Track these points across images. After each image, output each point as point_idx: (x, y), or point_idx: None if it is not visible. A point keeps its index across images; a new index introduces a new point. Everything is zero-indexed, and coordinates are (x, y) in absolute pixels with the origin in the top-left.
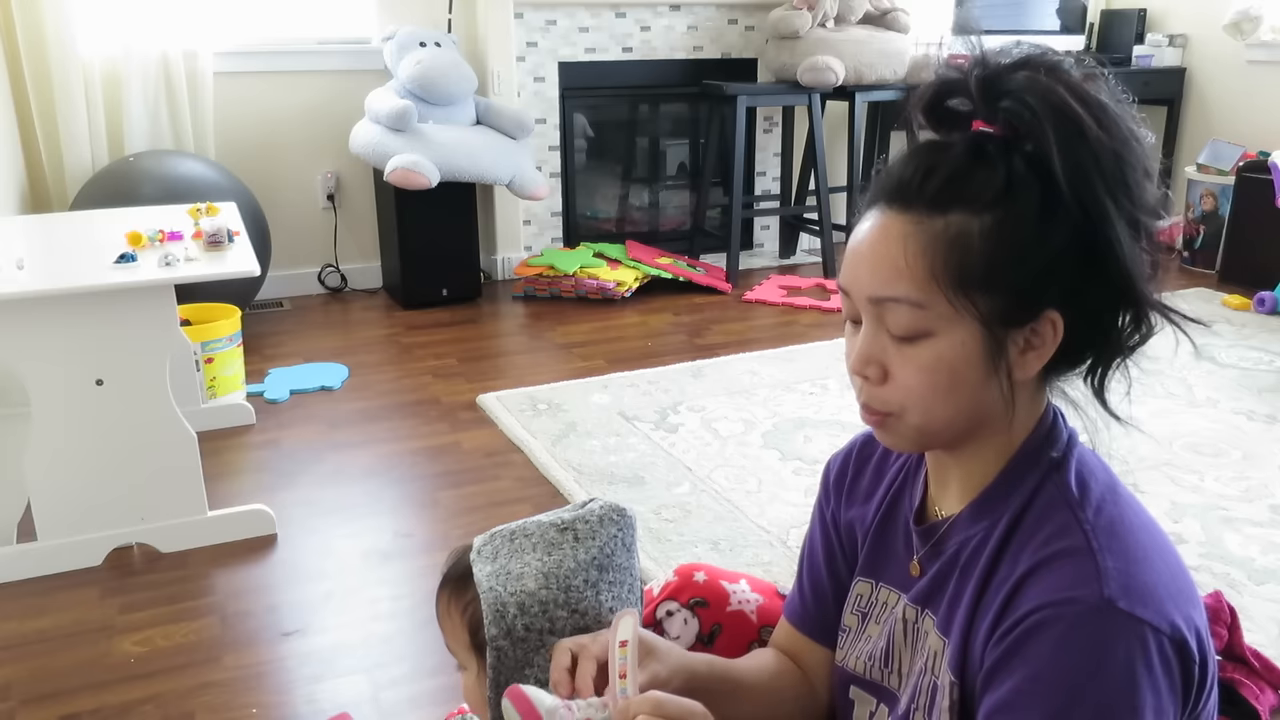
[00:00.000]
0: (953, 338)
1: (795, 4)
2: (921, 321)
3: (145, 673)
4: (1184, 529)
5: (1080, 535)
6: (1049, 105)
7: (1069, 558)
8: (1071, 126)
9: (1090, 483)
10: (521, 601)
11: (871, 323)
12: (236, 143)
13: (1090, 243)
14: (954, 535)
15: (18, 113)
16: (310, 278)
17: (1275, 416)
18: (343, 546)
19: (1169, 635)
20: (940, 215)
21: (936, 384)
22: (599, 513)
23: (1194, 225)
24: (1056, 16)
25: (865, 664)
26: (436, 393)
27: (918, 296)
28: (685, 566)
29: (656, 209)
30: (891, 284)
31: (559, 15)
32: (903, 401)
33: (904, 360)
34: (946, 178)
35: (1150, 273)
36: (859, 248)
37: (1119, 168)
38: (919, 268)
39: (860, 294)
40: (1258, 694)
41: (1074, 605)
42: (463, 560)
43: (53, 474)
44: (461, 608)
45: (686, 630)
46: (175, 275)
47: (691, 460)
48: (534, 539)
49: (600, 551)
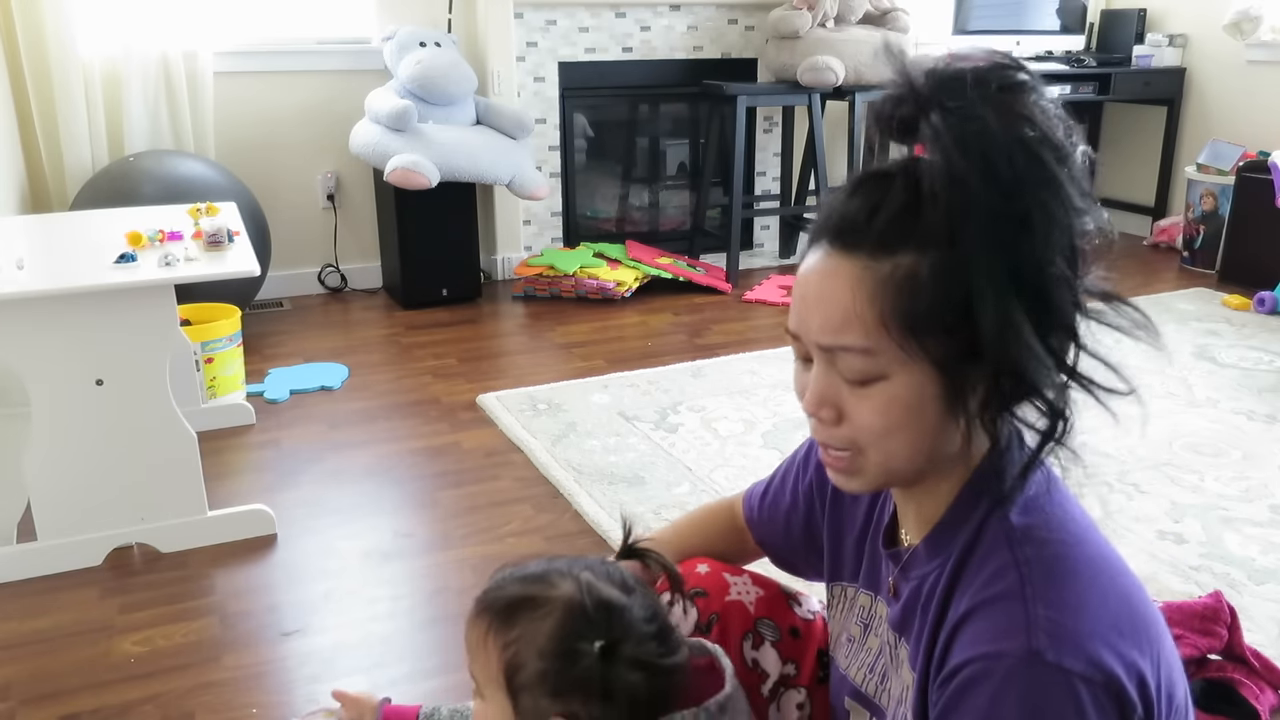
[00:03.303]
0: (908, 380)
1: (795, 4)
2: (873, 367)
3: (145, 673)
4: (1184, 529)
5: (1015, 578)
6: (1001, 146)
7: (1000, 604)
8: (1028, 161)
9: (1038, 515)
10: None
11: (823, 366)
12: (236, 143)
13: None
14: (916, 567)
15: (18, 113)
16: (310, 278)
17: (1275, 416)
18: (343, 546)
19: (1102, 684)
20: (888, 257)
21: (891, 425)
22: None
23: (1194, 225)
24: (1056, 16)
25: (865, 676)
26: (436, 393)
27: (868, 344)
28: (690, 560)
29: (656, 209)
30: (841, 332)
31: (559, 15)
32: (859, 440)
33: (858, 401)
34: (892, 216)
35: (1081, 298)
36: (806, 292)
37: (1052, 211)
38: (868, 316)
39: (810, 340)
40: (1258, 694)
41: (1001, 660)
42: (509, 589)
43: (53, 474)
44: (502, 644)
45: (686, 620)
46: (175, 275)
47: (691, 460)
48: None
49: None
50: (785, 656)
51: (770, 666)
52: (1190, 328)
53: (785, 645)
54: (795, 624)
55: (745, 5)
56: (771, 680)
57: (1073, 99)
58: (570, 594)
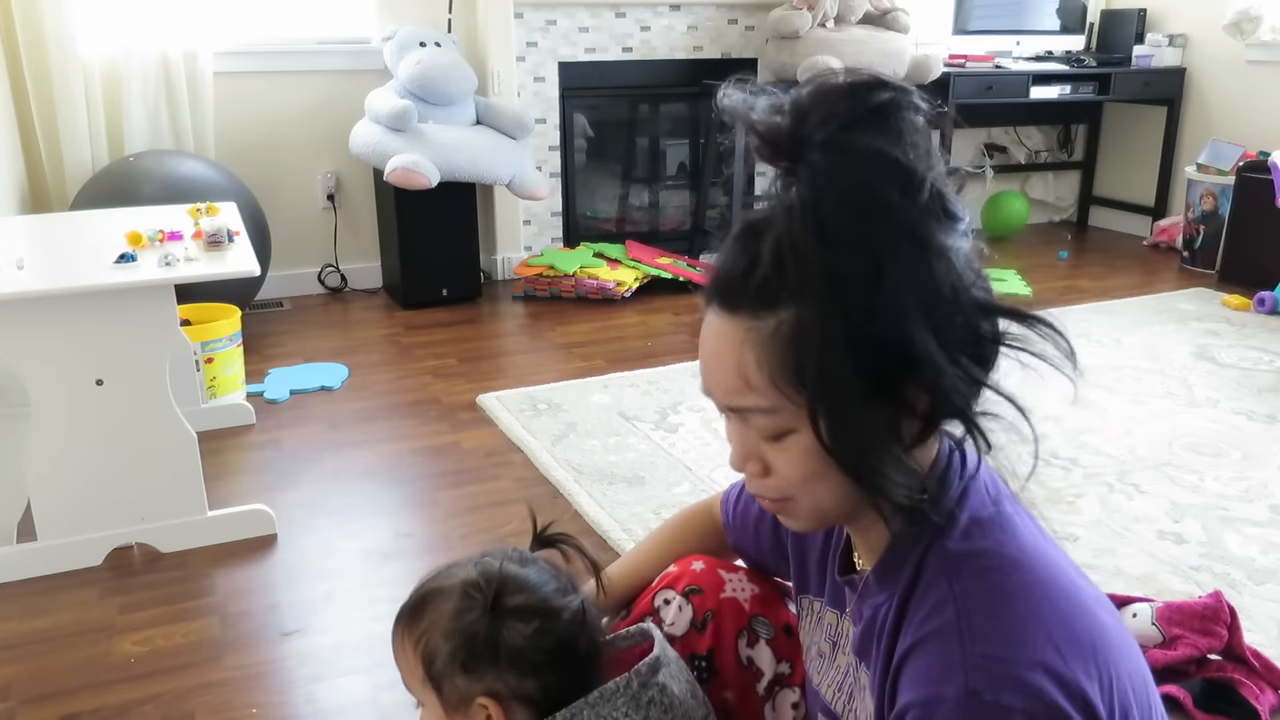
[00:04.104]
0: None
1: (795, 4)
2: (779, 423)
3: (145, 673)
4: (1184, 529)
5: (951, 613)
6: (840, 190)
7: (937, 641)
8: (858, 210)
9: (981, 540)
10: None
11: (737, 424)
12: (236, 143)
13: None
14: (869, 596)
15: (18, 113)
16: (310, 278)
17: (1275, 416)
18: (343, 546)
19: (1044, 713)
20: (770, 313)
21: (810, 474)
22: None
23: (1194, 225)
24: (1056, 16)
25: (834, 694)
26: (436, 393)
27: (766, 404)
28: (685, 558)
29: (656, 209)
30: (739, 395)
31: (559, 15)
32: (786, 491)
33: (776, 454)
34: (766, 274)
35: (973, 284)
36: (704, 354)
37: (894, 252)
38: (759, 378)
39: (717, 402)
40: (1258, 694)
41: (941, 705)
42: (418, 591)
43: (53, 474)
44: (415, 640)
45: (680, 617)
46: (175, 275)
47: (691, 460)
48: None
49: None
50: (780, 655)
51: (765, 665)
52: (1190, 328)
53: (780, 643)
54: (790, 621)
55: (745, 5)
56: (766, 679)
57: (1073, 99)
58: (466, 575)
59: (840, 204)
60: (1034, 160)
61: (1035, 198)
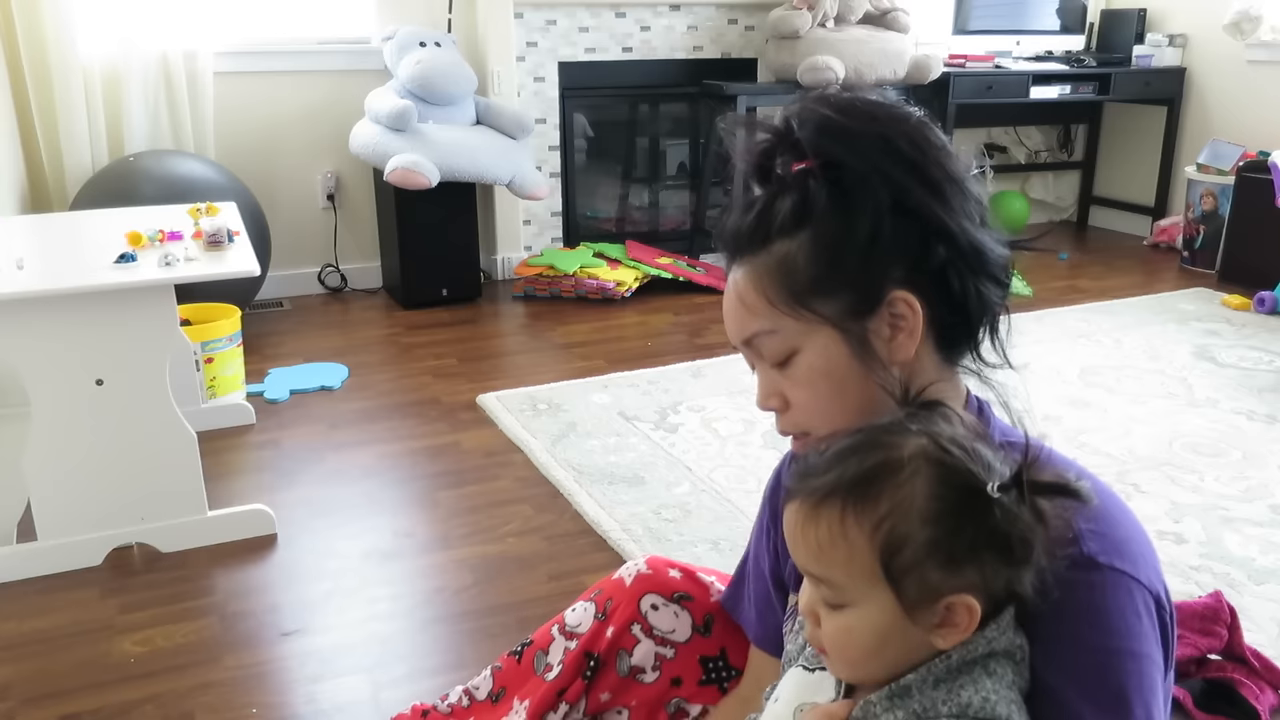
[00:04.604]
0: (816, 346)
1: (795, 4)
2: (783, 344)
3: (145, 673)
4: (1184, 529)
5: None
6: (815, 124)
7: None
8: (835, 129)
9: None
10: None
11: (756, 361)
12: (236, 143)
13: (896, 218)
14: None
15: (18, 113)
16: (310, 278)
17: (1275, 416)
18: (343, 546)
19: (1148, 589)
20: (764, 249)
21: (820, 392)
22: None
23: (1194, 225)
24: (1056, 16)
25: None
26: (436, 393)
27: (767, 325)
28: (655, 559)
29: (656, 209)
30: (745, 325)
31: (559, 15)
32: (806, 420)
33: (790, 383)
34: (756, 216)
35: (971, 215)
36: (724, 310)
37: (887, 146)
38: (757, 302)
39: (734, 342)
40: (1258, 694)
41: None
42: (848, 466)
43: (53, 474)
44: (872, 524)
45: (679, 623)
46: (175, 275)
47: (691, 460)
48: None
49: None
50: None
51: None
52: (1190, 328)
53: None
54: None
55: (745, 5)
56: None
57: (1073, 99)
58: (924, 446)
59: (816, 130)
60: (1034, 160)
61: (1035, 198)
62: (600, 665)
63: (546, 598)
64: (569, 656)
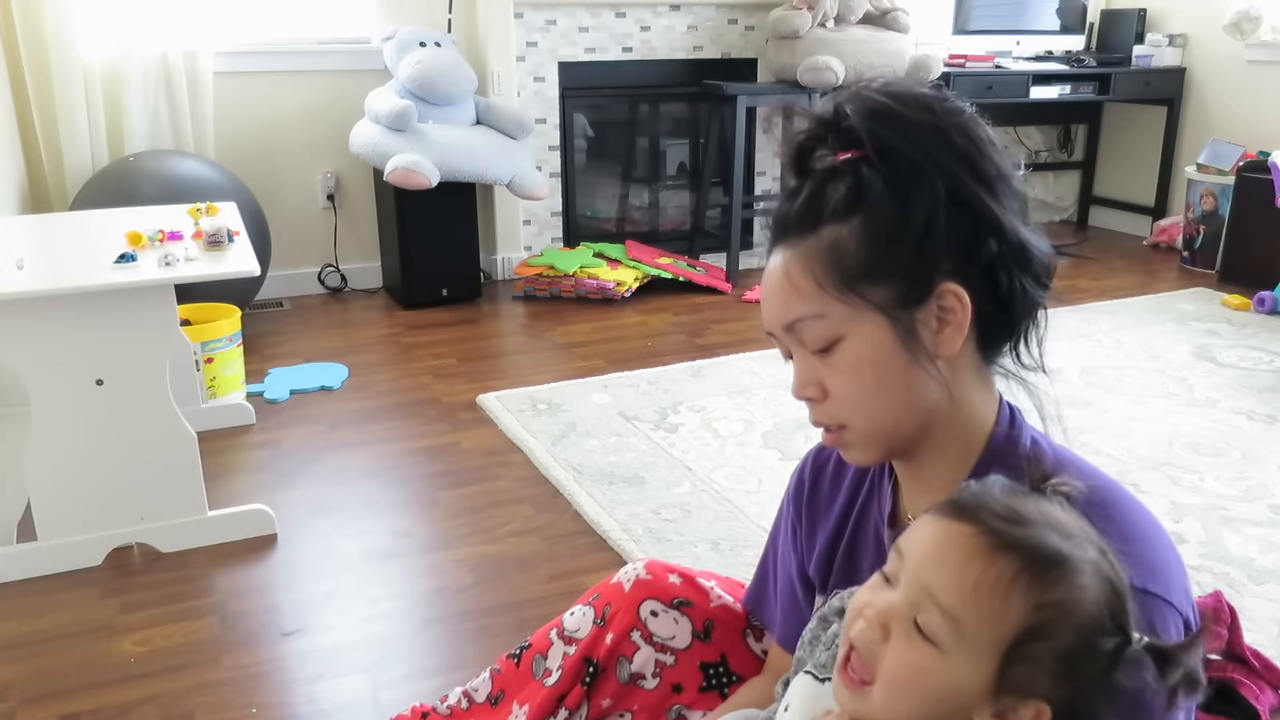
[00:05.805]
0: (862, 334)
1: (795, 4)
2: (828, 329)
3: (145, 673)
4: (1184, 529)
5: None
6: (871, 111)
7: None
8: (893, 117)
9: (1064, 468)
10: None
11: (795, 347)
12: (236, 143)
13: (951, 211)
14: None
15: (18, 113)
16: (310, 278)
17: (1275, 416)
18: (343, 546)
19: (1179, 612)
20: (813, 233)
21: (863, 382)
22: None
23: (1194, 225)
24: (1056, 16)
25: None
26: (436, 393)
27: (815, 309)
28: (654, 564)
29: (656, 209)
30: (790, 307)
31: (559, 15)
32: (844, 411)
33: (831, 371)
34: (807, 200)
35: (1018, 212)
36: (763, 289)
37: (942, 137)
38: (806, 284)
39: (774, 327)
40: (1258, 694)
41: None
42: (1047, 537)
43: (53, 474)
44: (1037, 603)
45: (679, 629)
46: (175, 275)
47: (691, 460)
48: None
49: None
50: None
51: None
52: (1190, 328)
53: None
54: None
55: (745, 5)
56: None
57: (1073, 99)
58: (1097, 561)
59: (872, 117)
60: (1034, 160)
61: (1035, 197)
62: (600, 671)
63: (546, 598)
64: (568, 662)
